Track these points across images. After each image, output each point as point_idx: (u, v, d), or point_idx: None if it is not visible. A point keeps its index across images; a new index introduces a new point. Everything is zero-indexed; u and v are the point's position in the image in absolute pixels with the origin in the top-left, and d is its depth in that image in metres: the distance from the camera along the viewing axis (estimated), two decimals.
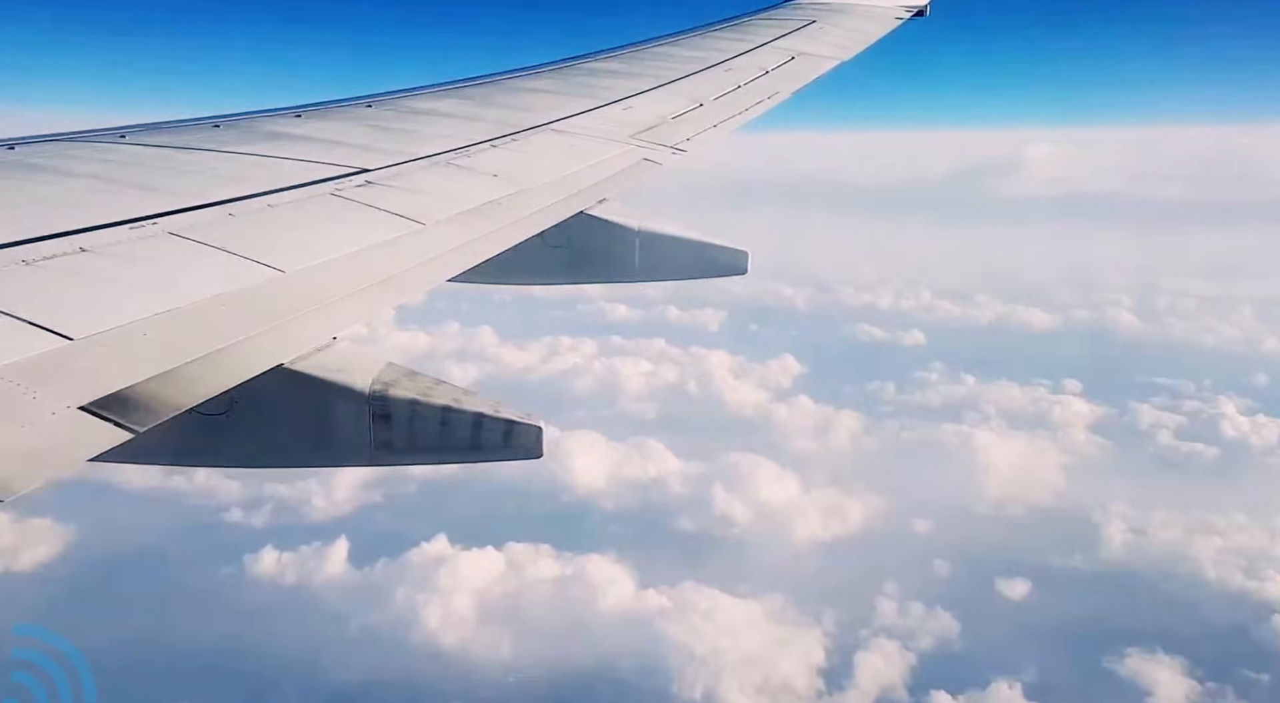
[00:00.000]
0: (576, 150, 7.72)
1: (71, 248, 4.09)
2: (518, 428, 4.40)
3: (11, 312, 3.43)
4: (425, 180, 6.20)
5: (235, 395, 3.90)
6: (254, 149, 6.25)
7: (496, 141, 7.40)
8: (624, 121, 8.68)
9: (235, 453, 4.45)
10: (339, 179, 5.79)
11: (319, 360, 4.20)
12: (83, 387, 3.18)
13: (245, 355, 3.80)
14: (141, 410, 3.21)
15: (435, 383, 4.47)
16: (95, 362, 3.34)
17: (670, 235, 7.42)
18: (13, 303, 3.49)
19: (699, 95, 9.91)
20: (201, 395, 3.50)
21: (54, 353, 3.29)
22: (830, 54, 12.35)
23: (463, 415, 4.35)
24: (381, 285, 4.66)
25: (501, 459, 4.49)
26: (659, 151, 8.07)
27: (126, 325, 3.60)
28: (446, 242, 5.33)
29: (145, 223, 4.52)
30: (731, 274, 7.61)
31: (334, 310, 4.34)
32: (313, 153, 6.28)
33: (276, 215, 5.08)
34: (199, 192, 5.10)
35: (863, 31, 13.55)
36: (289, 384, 4.09)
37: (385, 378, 4.35)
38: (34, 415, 2.99)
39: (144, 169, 5.54)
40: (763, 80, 10.81)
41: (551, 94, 9.38)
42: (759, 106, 9.96)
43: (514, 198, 6.27)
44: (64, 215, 4.41)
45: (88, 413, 3.08)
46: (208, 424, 4.09)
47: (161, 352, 3.52)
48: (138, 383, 3.30)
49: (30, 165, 5.26)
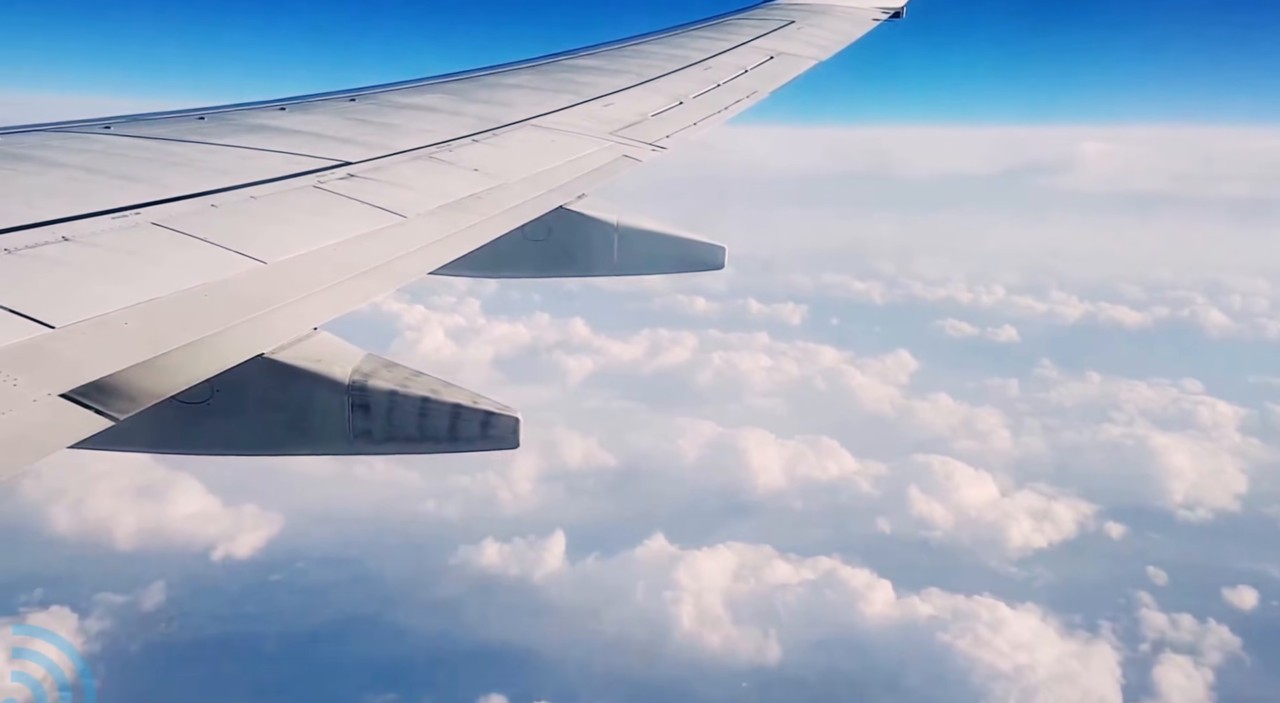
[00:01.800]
0: (557, 146, 7.78)
1: (54, 237, 4.11)
2: (495, 419, 4.45)
3: None
4: (407, 174, 6.25)
5: (216, 384, 3.95)
6: (237, 141, 6.28)
7: (478, 136, 7.46)
8: (604, 118, 8.75)
9: (215, 441, 4.49)
10: (321, 172, 5.83)
11: (299, 351, 4.24)
12: (64, 374, 3.20)
13: (226, 345, 3.84)
14: (123, 398, 3.24)
15: (414, 374, 4.52)
16: (77, 350, 3.36)
17: (648, 230, 7.52)
18: None
19: (679, 93, 9.98)
20: (182, 384, 3.54)
21: (35, 341, 3.30)
22: (808, 54, 12.46)
23: (441, 406, 4.40)
24: (362, 277, 4.71)
25: (479, 450, 4.54)
26: (639, 148, 8.14)
27: (108, 314, 3.62)
28: (428, 234, 5.39)
29: (128, 213, 4.55)
30: (709, 269, 7.73)
31: (315, 301, 4.38)
32: (295, 145, 6.32)
33: (259, 207, 5.12)
34: (182, 183, 5.14)
35: (840, 32, 13.67)
36: (269, 374, 4.13)
37: (365, 369, 4.40)
38: (15, 402, 3.01)
39: (127, 160, 5.55)
40: (742, 79, 10.90)
41: (532, 90, 9.44)
42: (738, 105, 10.05)
43: (495, 192, 6.32)
44: (47, 204, 4.44)
45: (69, 400, 3.10)
46: (189, 412, 4.13)
47: (143, 340, 3.55)
48: (119, 371, 3.33)
49: (14, 155, 5.27)
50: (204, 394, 4.07)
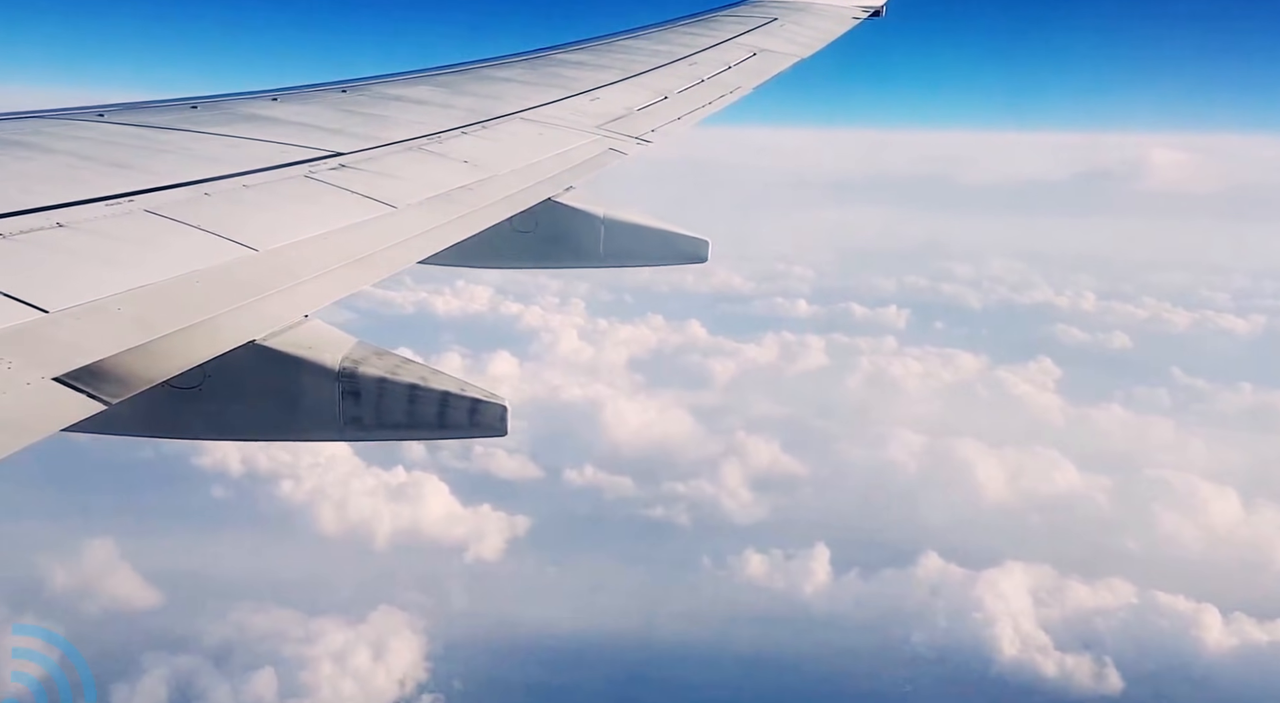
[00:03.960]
0: (545, 139, 7.85)
1: (48, 223, 4.15)
2: (483, 406, 4.51)
3: None
4: (397, 165, 6.31)
5: (208, 370, 4.00)
6: (230, 130, 6.32)
7: (467, 128, 7.52)
8: (591, 112, 8.82)
9: (208, 427, 4.54)
10: (313, 161, 5.88)
11: (290, 337, 4.29)
12: (57, 358, 3.23)
13: (218, 331, 3.89)
14: (115, 383, 3.28)
15: (403, 361, 4.58)
16: (70, 334, 3.40)
17: (634, 223, 7.59)
18: None
19: (663, 88, 10.06)
20: (174, 370, 3.59)
21: (30, 325, 3.34)
22: (790, 51, 12.59)
23: (430, 393, 4.47)
24: (353, 265, 4.78)
25: (468, 436, 4.61)
26: (625, 142, 8.22)
27: (102, 300, 3.66)
28: (418, 224, 5.45)
29: (122, 200, 4.59)
30: (692, 262, 7.81)
31: (306, 289, 4.44)
32: (287, 135, 6.36)
33: (251, 195, 5.17)
34: (175, 171, 5.18)
35: (822, 30, 13.80)
36: (261, 360, 4.17)
37: (355, 356, 4.46)
38: (9, 385, 3.04)
39: (121, 148, 5.59)
40: (725, 75, 11.00)
41: (521, 84, 9.50)
42: (721, 101, 10.16)
43: (484, 184, 6.39)
44: (42, 191, 4.48)
45: (62, 384, 3.13)
46: (180, 398, 4.18)
47: (136, 326, 3.59)
48: (112, 356, 3.36)
49: (8, 141, 5.30)
50: (196, 380, 4.11)
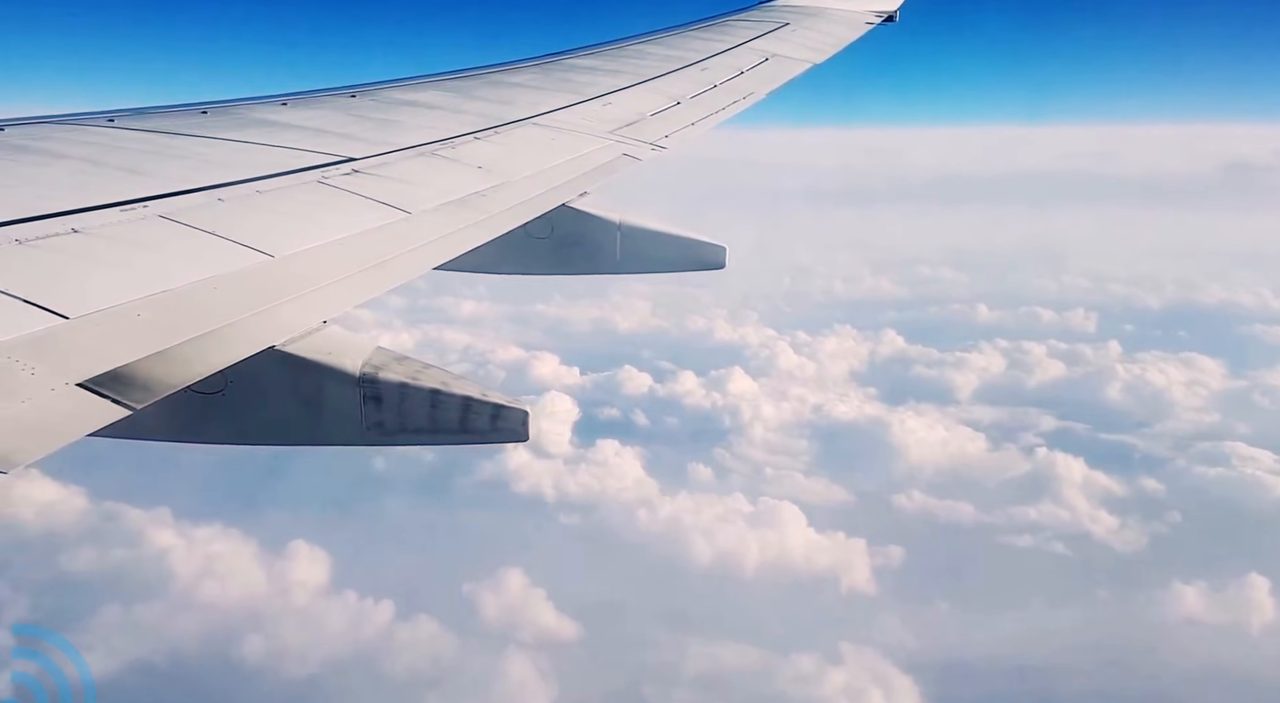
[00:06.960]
0: (558, 144, 7.80)
1: (64, 228, 4.11)
2: (505, 411, 4.47)
3: (8, 290, 3.45)
4: (411, 170, 6.27)
5: (230, 375, 3.96)
6: (240, 136, 6.28)
7: (480, 134, 7.47)
8: (604, 117, 8.78)
9: (231, 432, 4.50)
10: (325, 167, 5.83)
11: (310, 343, 4.25)
12: (80, 364, 3.21)
13: (237, 337, 3.85)
14: (139, 388, 3.26)
15: (423, 367, 4.54)
16: (91, 340, 3.38)
17: (651, 229, 7.54)
18: (8, 281, 3.51)
19: (677, 93, 10.03)
20: (196, 375, 3.55)
21: (51, 331, 3.32)
22: (803, 57, 12.54)
23: (452, 399, 4.42)
24: (370, 271, 4.73)
25: (490, 442, 4.56)
26: (639, 147, 8.17)
27: (121, 305, 3.63)
28: (433, 230, 5.40)
29: (136, 205, 4.55)
30: (710, 268, 7.75)
31: (323, 295, 4.40)
32: (299, 141, 6.32)
33: (265, 201, 5.13)
34: (188, 176, 5.14)
35: (834, 35, 13.77)
36: (282, 366, 4.14)
37: (375, 361, 4.42)
38: (33, 391, 3.02)
39: (133, 153, 5.55)
40: (738, 80, 10.97)
41: (533, 88, 9.47)
42: (735, 106, 10.11)
43: (498, 189, 6.34)
44: (55, 196, 4.43)
45: (86, 390, 3.11)
46: (204, 403, 4.15)
47: (156, 331, 3.56)
48: (134, 362, 3.34)
49: (21, 147, 5.26)
50: (218, 385, 4.08)
